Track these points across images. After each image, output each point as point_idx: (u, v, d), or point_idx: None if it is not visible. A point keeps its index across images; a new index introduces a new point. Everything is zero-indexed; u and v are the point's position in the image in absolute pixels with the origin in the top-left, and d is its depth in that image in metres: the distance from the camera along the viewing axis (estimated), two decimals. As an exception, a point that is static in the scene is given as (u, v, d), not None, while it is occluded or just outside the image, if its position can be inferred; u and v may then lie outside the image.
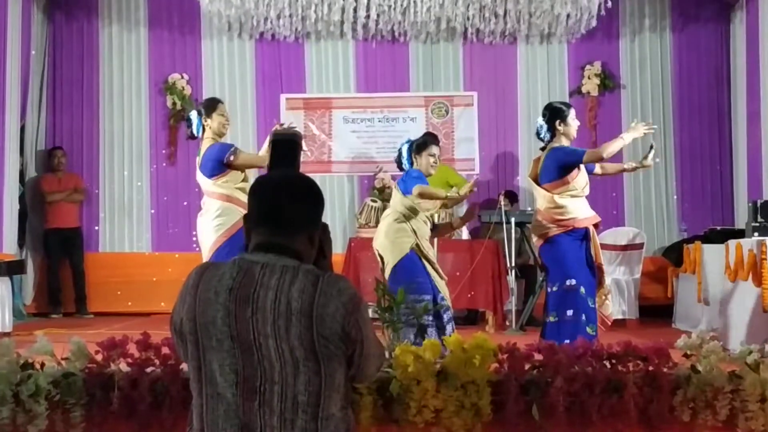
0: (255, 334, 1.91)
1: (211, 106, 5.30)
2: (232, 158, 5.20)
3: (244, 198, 5.10)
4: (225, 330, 1.93)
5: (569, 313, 5.02)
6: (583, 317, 4.99)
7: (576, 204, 5.14)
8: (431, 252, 5.27)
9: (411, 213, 5.14)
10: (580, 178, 5.14)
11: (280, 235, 2.02)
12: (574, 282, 5.04)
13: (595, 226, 5.23)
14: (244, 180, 5.36)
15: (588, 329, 4.95)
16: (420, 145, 5.29)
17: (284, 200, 2.04)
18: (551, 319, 5.07)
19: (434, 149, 5.28)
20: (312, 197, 2.10)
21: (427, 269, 5.14)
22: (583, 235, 5.15)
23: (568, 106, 5.33)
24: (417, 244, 5.13)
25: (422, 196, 5.13)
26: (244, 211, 5.12)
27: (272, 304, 1.91)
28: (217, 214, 5.18)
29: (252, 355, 1.92)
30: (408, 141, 5.41)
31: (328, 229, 2.16)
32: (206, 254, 5.18)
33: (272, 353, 1.91)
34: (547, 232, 5.15)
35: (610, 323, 5.31)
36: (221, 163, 5.24)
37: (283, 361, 1.91)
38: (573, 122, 5.19)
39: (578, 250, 5.13)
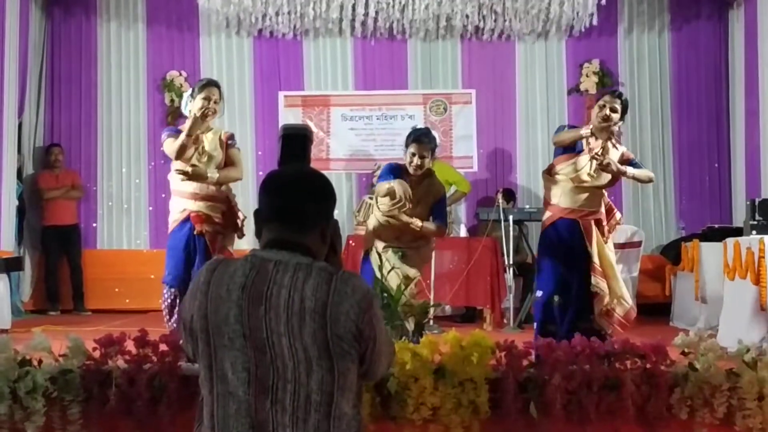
0: (268, 333, 1.89)
1: (200, 85, 4.70)
2: (163, 146, 4.74)
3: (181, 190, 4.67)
4: (237, 328, 1.90)
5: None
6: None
7: (557, 190, 4.77)
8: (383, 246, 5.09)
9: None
10: (566, 167, 4.74)
11: (293, 231, 2.00)
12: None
13: (599, 222, 4.74)
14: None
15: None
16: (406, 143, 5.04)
17: (298, 196, 2.03)
18: None
19: (413, 147, 4.89)
20: (325, 193, 2.09)
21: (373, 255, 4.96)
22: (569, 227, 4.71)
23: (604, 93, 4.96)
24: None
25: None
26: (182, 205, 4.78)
27: (285, 302, 1.88)
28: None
29: (265, 354, 1.89)
30: None
31: (337, 225, 2.15)
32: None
33: (285, 352, 1.88)
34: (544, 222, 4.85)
35: (628, 324, 4.87)
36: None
37: (297, 359, 1.88)
38: (595, 108, 4.75)
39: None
